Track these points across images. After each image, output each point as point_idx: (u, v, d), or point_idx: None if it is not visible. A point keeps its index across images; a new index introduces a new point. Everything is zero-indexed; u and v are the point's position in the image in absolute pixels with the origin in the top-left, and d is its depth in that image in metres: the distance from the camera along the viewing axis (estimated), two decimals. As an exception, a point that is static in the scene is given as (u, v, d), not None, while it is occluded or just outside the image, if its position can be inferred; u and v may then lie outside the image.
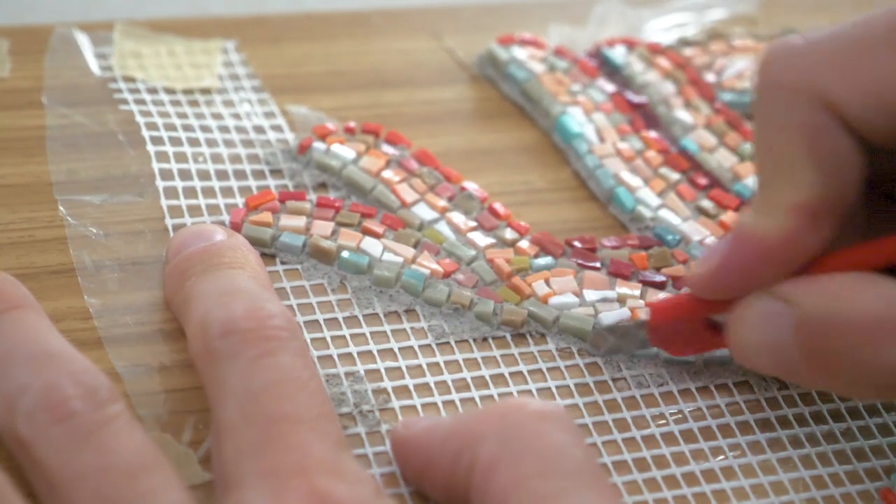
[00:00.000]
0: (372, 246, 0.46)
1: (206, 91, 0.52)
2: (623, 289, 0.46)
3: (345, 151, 0.49)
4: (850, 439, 0.43)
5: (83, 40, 0.54)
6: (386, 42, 0.58)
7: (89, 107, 0.51)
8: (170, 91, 0.52)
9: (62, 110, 0.50)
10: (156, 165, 0.48)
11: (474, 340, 0.44)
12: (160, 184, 0.47)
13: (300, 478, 0.34)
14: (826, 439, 0.43)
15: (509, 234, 0.48)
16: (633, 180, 0.51)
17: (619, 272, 0.47)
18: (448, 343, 0.44)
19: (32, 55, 0.53)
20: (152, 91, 0.52)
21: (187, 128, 0.50)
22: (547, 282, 0.46)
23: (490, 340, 0.44)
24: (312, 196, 0.48)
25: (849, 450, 0.42)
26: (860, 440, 0.43)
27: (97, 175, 0.48)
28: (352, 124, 0.51)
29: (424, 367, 0.43)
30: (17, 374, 0.35)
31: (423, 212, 0.48)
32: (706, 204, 0.50)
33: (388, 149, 0.50)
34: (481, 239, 0.47)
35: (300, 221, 0.46)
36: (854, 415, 0.44)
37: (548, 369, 0.43)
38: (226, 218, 0.46)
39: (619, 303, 0.45)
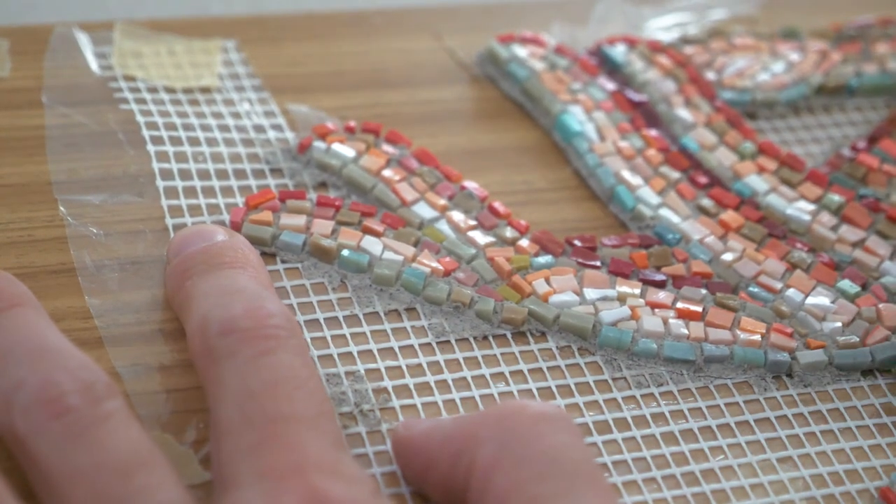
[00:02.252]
0: (372, 244, 0.46)
1: (206, 90, 0.52)
2: (623, 287, 0.46)
3: (345, 150, 0.49)
4: (850, 439, 0.43)
5: (83, 40, 0.54)
6: (386, 42, 0.58)
7: (89, 106, 0.50)
8: (170, 90, 0.52)
9: (62, 110, 0.50)
10: (156, 165, 0.48)
11: (475, 339, 0.44)
12: (160, 183, 0.47)
13: (297, 478, 0.34)
14: (825, 439, 0.43)
15: (509, 232, 0.48)
16: (634, 179, 0.51)
17: (619, 271, 0.47)
18: (448, 341, 0.44)
19: (32, 55, 0.53)
20: (152, 90, 0.52)
21: (187, 127, 0.50)
22: (547, 280, 0.46)
23: (490, 339, 0.44)
24: (312, 195, 0.48)
25: (848, 449, 0.42)
26: (859, 440, 0.43)
27: (97, 175, 0.47)
28: (352, 123, 0.51)
29: (425, 365, 0.43)
30: (14, 370, 0.35)
31: (423, 210, 0.48)
32: (706, 202, 0.50)
33: (388, 148, 0.50)
34: (481, 237, 0.47)
35: (300, 220, 0.46)
36: (853, 415, 0.44)
37: (548, 368, 0.43)
38: (226, 217, 0.46)
39: (620, 301, 0.45)
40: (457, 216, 0.48)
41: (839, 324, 0.46)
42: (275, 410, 0.35)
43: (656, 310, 0.45)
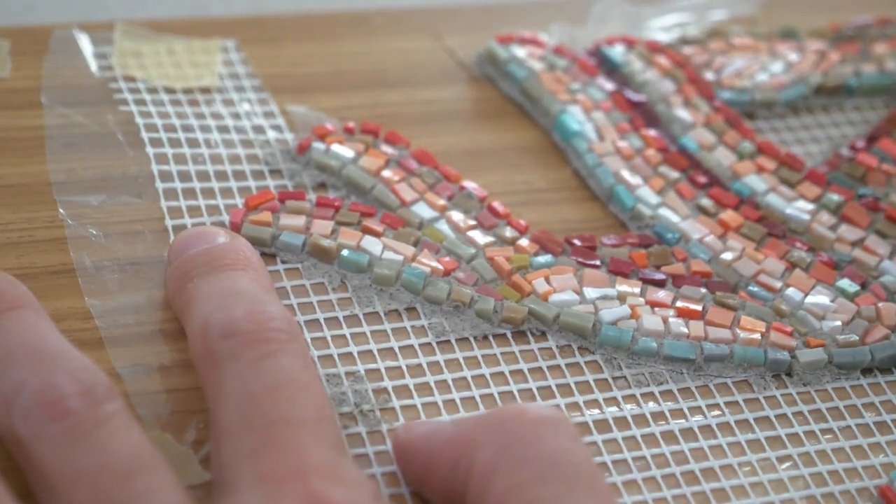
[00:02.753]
0: (372, 244, 0.45)
1: (205, 91, 0.52)
2: (623, 286, 0.46)
3: (344, 151, 0.49)
4: (849, 437, 0.43)
5: (83, 41, 0.54)
6: (386, 42, 0.58)
7: (89, 107, 0.50)
8: (170, 91, 0.52)
9: (62, 110, 0.50)
10: (155, 166, 0.48)
11: (475, 338, 0.44)
12: (160, 185, 0.47)
13: (297, 481, 0.34)
14: (825, 437, 0.43)
15: (509, 232, 0.48)
16: (633, 179, 0.51)
17: (619, 270, 0.47)
18: (448, 341, 0.43)
19: (32, 55, 0.53)
20: (152, 91, 0.51)
21: (187, 128, 0.50)
22: (547, 279, 0.45)
23: (490, 338, 0.44)
24: (312, 196, 0.48)
25: (847, 448, 0.42)
26: (859, 438, 0.43)
27: (96, 175, 0.47)
28: (351, 124, 0.51)
29: (425, 365, 0.42)
30: (15, 373, 0.35)
31: (422, 210, 0.48)
32: (705, 202, 0.50)
33: (387, 148, 0.50)
34: (481, 237, 0.47)
35: (300, 221, 0.46)
36: (853, 413, 0.44)
37: (548, 367, 0.43)
38: (225, 218, 0.46)
39: (619, 300, 0.45)
40: (456, 216, 0.48)
41: (839, 322, 0.46)
42: (276, 414, 0.35)
43: (656, 309, 0.45)
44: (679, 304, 0.45)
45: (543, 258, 0.47)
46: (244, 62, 0.54)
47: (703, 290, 0.46)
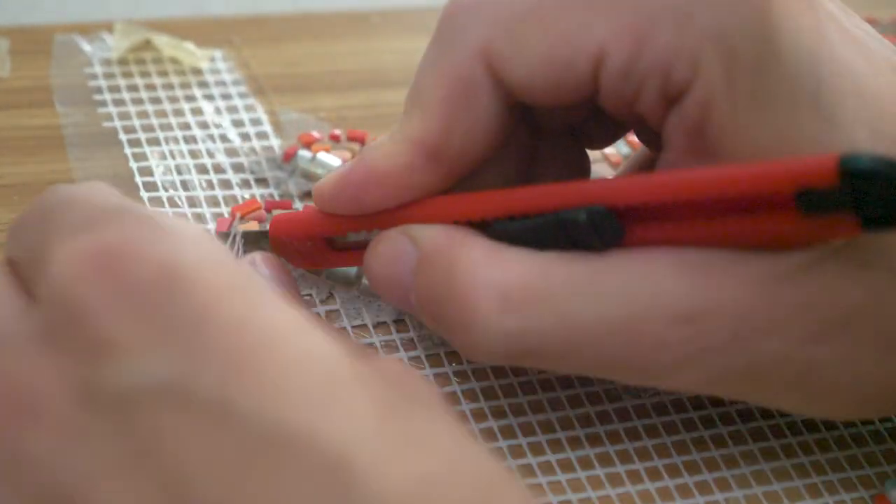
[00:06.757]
0: (361, 255, 0.43)
1: (191, 98, 0.50)
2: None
3: (330, 159, 0.47)
4: (844, 447, 0.40)
5: (82, 42, 0.52)
6: (385, 42, 0.56)
7: (85, 107, 0.49)
8: (155, 101, 0.50)
9: (60, 110, 0.49)
10: (139, 179, 0.46)
11: (465, 351, 0.41)
12: (144, 195, 0.45)
13: None
14: (819, 448, 0.40)
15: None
16: (623, 184, 0.48)
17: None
18: (438, 354, 0.41)
19: (32, 55, 0.51)
20: (137, 102, 0.49)
21: (172, 140, 0.48)
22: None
23: (481, 352, 0.41)
24: (298, 205, 0.46)
25: (842, 458, 0.40)
26: (853, 448, 0.40)
27: (94, 174, 0.46)
28: (337, 132, 0.49)
29: (414, 378, 0.40)
30: None
31: (411, 220, 0.45)
32: (700, 206, 0.47)
33: (375, 156, 0.47)
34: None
35: (287, 231, 0.43)
36: (848, 423, 0.41)
37: (538, 381, 0.40)
38: (211, 227, 0.44)
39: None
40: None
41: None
42: None
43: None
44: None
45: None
46: (231, 70, 0.53)
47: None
